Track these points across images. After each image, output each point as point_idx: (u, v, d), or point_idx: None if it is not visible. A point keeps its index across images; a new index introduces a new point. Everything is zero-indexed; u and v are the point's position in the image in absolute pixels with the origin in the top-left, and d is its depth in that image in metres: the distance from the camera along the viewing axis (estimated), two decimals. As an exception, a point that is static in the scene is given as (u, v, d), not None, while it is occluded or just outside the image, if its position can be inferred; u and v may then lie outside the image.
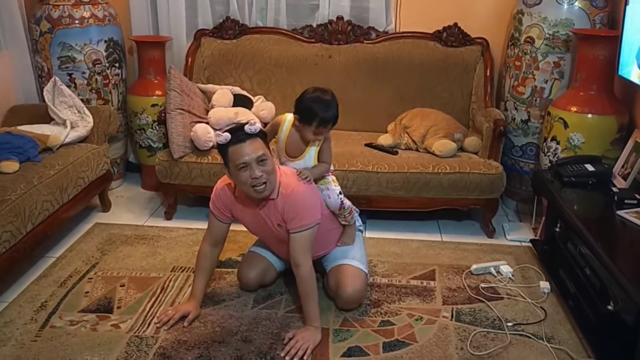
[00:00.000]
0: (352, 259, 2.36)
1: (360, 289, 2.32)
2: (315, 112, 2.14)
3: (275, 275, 2.50)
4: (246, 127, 2.02)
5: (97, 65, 3.36)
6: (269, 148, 2.09)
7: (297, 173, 2.20)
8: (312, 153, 2.27)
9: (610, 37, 2.78)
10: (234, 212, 2.26)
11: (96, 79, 3.38)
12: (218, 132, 1.99)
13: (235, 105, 3.24)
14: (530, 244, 2.92)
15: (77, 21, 3.28)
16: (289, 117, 2.28)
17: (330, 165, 2.35)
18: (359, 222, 2.53)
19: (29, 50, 3.36)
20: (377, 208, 3.06)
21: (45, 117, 3.10)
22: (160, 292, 2.47)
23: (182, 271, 2.64)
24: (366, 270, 2.40)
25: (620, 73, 2.66)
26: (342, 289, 2.28)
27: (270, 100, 3.42)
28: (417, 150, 3.16)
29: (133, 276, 2.60)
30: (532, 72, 3.14)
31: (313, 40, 3.55)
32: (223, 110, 3.15)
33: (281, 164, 2.32)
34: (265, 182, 2.04)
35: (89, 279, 2.57)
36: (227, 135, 2.02)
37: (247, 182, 2.04)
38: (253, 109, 3.28)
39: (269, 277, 2.48)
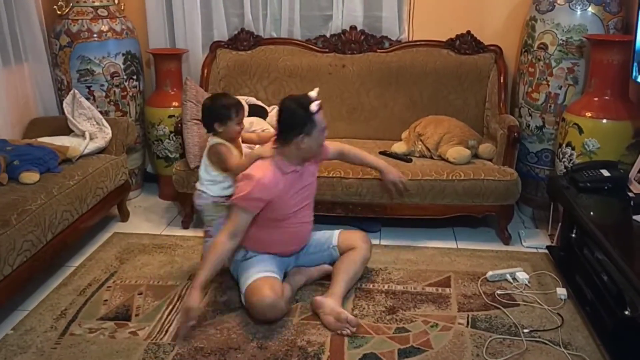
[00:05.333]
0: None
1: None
2: (225, 106, 2.46)
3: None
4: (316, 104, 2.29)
5: (115, 78, 3.42)
6: None
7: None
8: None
9: (624, 42, 2.77)
10: (281, 191, 2.33)
11: (114, 91, 3.44)
12: (315, 101, 2.30)
13: (250, 115, 3.27)
14: (546, 251, 2.90)
15: (95, 35, 3.35)
16: (215, 141, 2.51)
17: None
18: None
19: (49, 64, 3.43)
20: (392, 215, 3.07)
21: (64, 129, 3.17)
22: (178, 300, 2.50)
23: (198, 279, 2.67)
24: None
25: (634, 77, 2.65)
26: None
27: (285, 109, 3.44)
28: (431, 157, 3.16)
29: (151, 284, 2.63)
30: (546, 78, 3.13)
31: (327, 50, 3.59)
32: (238, 120, 3.18)
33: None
34: None
35: (108, 287, 2.61)
36: (320, 101, 2.31)
37: (322, 139, 2.37)
38: (268, 119, 3.31)
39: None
